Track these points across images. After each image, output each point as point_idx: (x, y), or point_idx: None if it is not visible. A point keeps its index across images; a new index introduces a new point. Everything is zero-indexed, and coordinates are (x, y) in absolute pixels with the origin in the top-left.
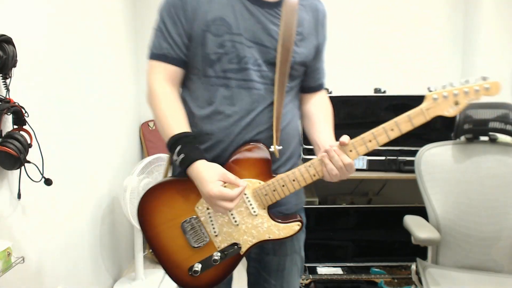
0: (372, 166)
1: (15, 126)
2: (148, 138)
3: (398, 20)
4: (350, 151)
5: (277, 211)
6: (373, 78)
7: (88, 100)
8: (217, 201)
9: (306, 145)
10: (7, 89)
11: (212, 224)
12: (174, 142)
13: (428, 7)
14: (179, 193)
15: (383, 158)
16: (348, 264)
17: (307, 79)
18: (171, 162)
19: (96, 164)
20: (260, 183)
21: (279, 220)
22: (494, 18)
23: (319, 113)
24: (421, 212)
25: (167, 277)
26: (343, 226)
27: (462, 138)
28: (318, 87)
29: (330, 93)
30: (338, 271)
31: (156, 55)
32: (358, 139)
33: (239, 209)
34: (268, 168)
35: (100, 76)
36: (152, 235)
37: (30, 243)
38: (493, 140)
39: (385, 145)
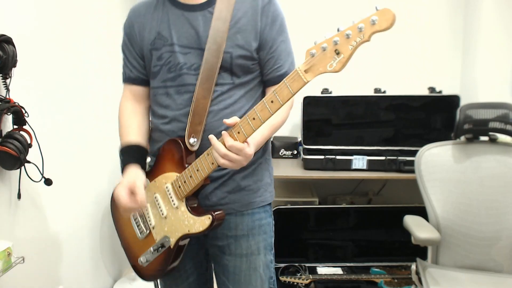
0: (372, 166)
1: (15, 126)
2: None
3: (398, 20)
4: (238, 132)
5: (229, 207)
6: (373, 78)
7: (88, 100)
8: (116, 201)
9: (306, 145)
10: (7, 89)
11: (149, 217)
12: (120, 151)
13: (428, 7)
14: None
15: (383, 158)
16: (348, 264)
17: (264, 72)
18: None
19: (96, 164)
20: (176, 175)
21: (194, 213)
22: (494, 18)
23: None
24: (421, 212)
25: None
26: (343, 226)
27: (462, 138)
28: (274, 79)
29: (330, 93)
30: (338, 271)
31: (123, 80)
32: (243, 118)
33: (164, 201)
34: (182, 161)
35: (100, 76)
36: (118, 231)
37: (30, 243)
38: (493, 140)
39: (385, 145)
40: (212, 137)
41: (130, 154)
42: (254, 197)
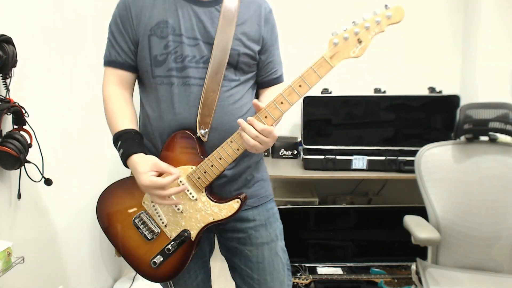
0: (372, 166)
1: (15, 126)
2: None
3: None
4: (266, 117)
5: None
6: (373, 78)
7: (88, 100)
8: (152, 191)
9: (306, 145)
10: (7, 89)
11: (159, 215)
12: (116, 139)
13: (428, 7)
14: (126, 192)
15: (383, 158)
16: (348, 264)
17: (261, 74)
18: None
19: (96, 164)
20: (192, 168)
21: (219, 201)
22: (494, 18)
23: (264, 98)
24: (421, 212)
25: None
26: (343, 226)
27: (462, 138)
28: (272, 81)
29: (330, 93)
30: (338, 271)
31: (106, 62)
32: (270, 103)
33: (179, 196)
34: (196, 153)
35: (100, 76)
36: (112, 237)
37: (30, 243)
38: (493, 140)
39: (385, 145)
40: (241, 121)
41: (134, 142)
42: (263, 191)
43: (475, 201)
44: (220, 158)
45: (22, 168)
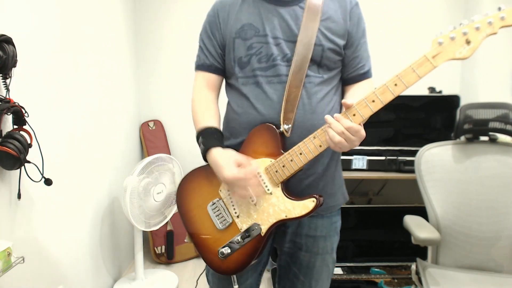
0: (372, 166)
1: (15, 126)
2: (148, 138)
3: (398, 20)
4: (354, 115)
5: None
6: (373, 78)
7: (88, 100)
8: (232, 184)
9: None
10: (7, 89)
11: (233, 205)
12: (198, 135)
13: (428, 7)
14: (206, 178)
15: (383, 158)
16: (348, 264)
17: (347, 70)
18: None
19: (96, 164)
20: (271, 161)
21: (293, 198)
22: None
23: (353, 96)
24: (421, 212)
25: (167, 277)
26: (343, 226)
27: (462, 138)
28: (359, 77)
29: None
30: (338, 271)
31: (197, 66)
32: (361, 101)
33: (255, 188)
34: (277, 147)
35: (100, 76)
36: (187, 221)
37: (30, 243)
38: (493, 140)
39: (385, 145)
40: (328, 117)
41: (213, 137)
42: (333, 201)
43: (475, 201)
44: (301, 153)
45: (22, 168)
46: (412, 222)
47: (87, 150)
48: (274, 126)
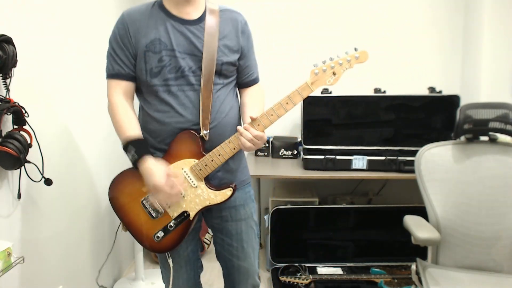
0: (372, 166)
1: (15, 126)
2: None
3: (398, 20)
4: (258, 125)
5: (222, 182)
6: (373, 78)
7: (88, 100)
8: (160, 191)
9: (306, 145)
10: (7, 89)
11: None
12: (127, 143)
13: (428, 7)
14: (137, 178)
15: (383, 158)
16: (348, 264)
17: (240, 76)
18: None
19: (96, 164)
20: (195, 161)
21: (214, 189)
22: (494, 18)
23: (250, 101)
24: (421, 212)
25: None
26: (343, 226)
27: (462, 138)
28: (250, 82)
29: (330, 93)
30: (338, 271)
31: (111, 75)
32: (262, 114)
33: (183, 183)
34: (199, 149)
35: (100, 76)
36: (122, 214)
37: (30, 243)
38: (493, 140)
39: (385, 145)
40: (240, 128)
41: (143, 146)
42: (243, 176)
43: (475, 201)
44: (219, 155)
45: (22, 168)
46: (412, 222)
47: (87, 149)
48: (195, 133)
